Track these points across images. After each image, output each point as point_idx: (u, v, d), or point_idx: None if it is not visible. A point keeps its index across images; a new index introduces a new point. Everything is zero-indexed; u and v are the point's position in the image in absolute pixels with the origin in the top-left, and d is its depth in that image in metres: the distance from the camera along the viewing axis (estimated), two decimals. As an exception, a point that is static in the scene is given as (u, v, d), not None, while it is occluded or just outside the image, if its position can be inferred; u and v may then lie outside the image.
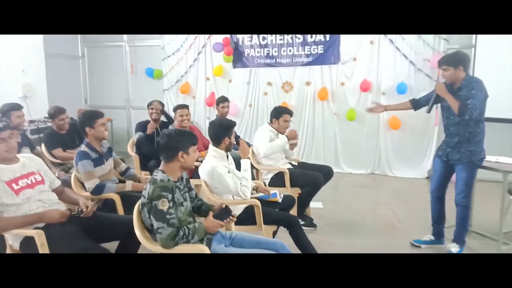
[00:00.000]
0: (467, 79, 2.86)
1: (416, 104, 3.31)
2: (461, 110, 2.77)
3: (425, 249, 3.18)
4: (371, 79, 5.57)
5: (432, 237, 3.21)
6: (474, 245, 3.13)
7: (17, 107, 3.67)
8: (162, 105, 4.38)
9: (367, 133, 5.74)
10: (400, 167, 5.66)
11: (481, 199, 3.74)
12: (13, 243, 2.16)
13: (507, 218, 3.12)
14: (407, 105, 3.38)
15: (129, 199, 2.64)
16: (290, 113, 3.79)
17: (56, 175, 2.85)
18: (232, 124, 2.76)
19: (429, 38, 5.25)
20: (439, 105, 3.18)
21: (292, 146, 3.85)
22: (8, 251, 2.20)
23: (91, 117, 2.82)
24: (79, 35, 7.08)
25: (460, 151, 2.90)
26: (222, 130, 2.70)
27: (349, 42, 5.62)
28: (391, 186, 5.22)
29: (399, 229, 3.72)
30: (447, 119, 3.02)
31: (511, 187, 3.22)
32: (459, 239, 3.01)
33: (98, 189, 2.68)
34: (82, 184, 2.80)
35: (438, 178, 3.11)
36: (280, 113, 3.73)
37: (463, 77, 2.87)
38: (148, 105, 4.32)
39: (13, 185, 2.11)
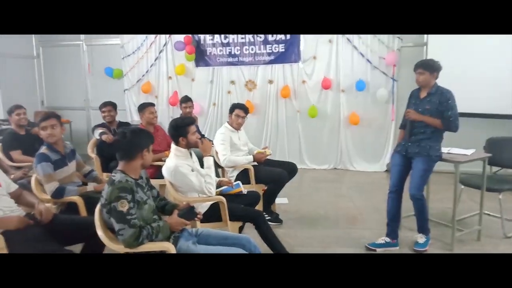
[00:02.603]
0: (437, 87, 3.01)
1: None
2: (446, 125, 2.93)
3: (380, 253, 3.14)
4: (331, 77, 5.74)
5: (387, 239, 3.19)
6: (432, 233, 3.30)
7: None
8: (115, 106, 4.28)
9: (329, 129, 5.90)
10: (361, 161, 5.87)
11: (434, 188, 3.97)
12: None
13: (459, 206, 3.33)
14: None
15: (92, 201, 2.57)
16: (243, 108, 3.80)
17: (12, 177, 2.74)
18: (186, 123, 2.73)
19: (384, 37, 5.47)
20: (395, 102, 3.28)
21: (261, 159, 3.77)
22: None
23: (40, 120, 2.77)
24: (33, 35, 6.77)
25: (420, 145, 3.02)
26: (176, 130, 2.70)
27: (308, 41, 5.76)
28: (352, 180, 5.41)
29: (359, 220, 3.88)
30: (413, 127, 3.07)
31: (462, 177, 3.44)
32: (422, 229, 3.14)
33: (58, 193, 2.61)
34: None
35: (397, 173, 3.19)
36: (233, 108, 3.80)
37: (433, 84, 3.02)
38: (100, 108, 4.23)
39: None
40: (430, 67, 2.98)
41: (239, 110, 3.76)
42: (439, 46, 5.10)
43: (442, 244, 3.23)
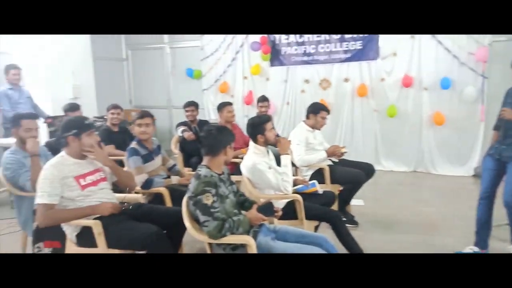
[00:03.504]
0: None
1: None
2: None
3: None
4: (413, 74, 5.44)
5: (476, 248, 2.97)
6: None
7: (75, 107, 3.91)
8: (197, 106, 4.50)
9: (409, 129, 5.60)
10: (444, 164, 5.48)
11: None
12: (71, 236, 2.29)
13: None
14: None
15: (176, 193, 2.77)
16: (328, 110, 3.78)
17: None
18: (262, 121, 2.79)
19: (474, 30, 5.05)
20: (485, 101, 3.04)
21: (339, 156, 3.73)
22: (67, 244, 2.34)
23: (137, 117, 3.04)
24: (123, 39, 7.40)
25: None
26: (254, 128, 2.77)
27: (388, 38, 5.52)
28: (434, 184, 5.08)
29: (442, 228, 3.61)
30: (509, 128, 2.80)
31: None
32: None
33: (147, 184, 2.83)
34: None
35: (489, 178, 2.93)
36: (318, 109, 3.72)
37: None
38: (184, 107, 4.47)
39: (81, 180, 2.25)
40: None
41: (325, 112, 3.72)
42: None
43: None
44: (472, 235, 2.99)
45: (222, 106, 4.26)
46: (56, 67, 5.51)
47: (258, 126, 2.77)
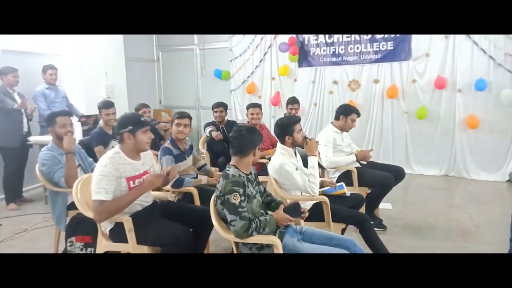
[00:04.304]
0: None
1: None
2: None
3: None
4: (446, 75, 5.28)
5: None
6: None
7: (109, 104, 4.00)
8: (226, 107, 4.54)
9: (442, 132, 5.44)
10: (478, 169, 5.29)
11: None
12: (105, 229, 2.36)
13: None
14: None
15: (205, 192, 2.82)
16: (358, 113, 3.72)
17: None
18: (291, 122, 2.77)
19: (513, 30, 4.84)
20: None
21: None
22: (98, 239, 2.41)
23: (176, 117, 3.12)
24: (154, 40, 7.57)
25: None
26: (282, 129, 2.77)
27: (421, 38, 5.39)
28: (467, 189, 4.91)
29: (476, 234, 3.49)
30: None
31: None
32: None
33: (177, 183, 2.88)
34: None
35: None
36: (349, 111, 3.66)
37: None
38: (213, 108, 4.51)
39: (131, 182, 2.28)
40: None
41: (355, 115, 3.66)
42: None
43: None
44: (506, 243, 2.86)
45: (247, 108, 4.31)
46: (91, 68, 5.70)
47: (286, 127, 2.77)
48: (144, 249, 2.26)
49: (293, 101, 4.79)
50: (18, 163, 4.44)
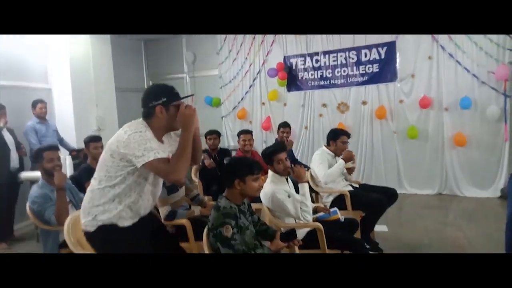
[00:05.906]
0: None
1: None
2: None
3: None
4: (432, 95, 5.40)
5: None
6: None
7: (97, 138, 3.94)
8: (219, 135, 4.56)
9: (431, 151, 5.51)
10: (469, 186, 5.34)
11: None
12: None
13: None
14: None
15: (198, 224, 2.77)
16: (347, 134, 3.77)
17: None
18: (271, 151, 2.78)
19: (492, 49, 5.00)
20: (509, 120, 2.97)
21: (350, 171, 3.74)
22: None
23: None
24: (144, 69, 7.64)
25: None
26: (264, 159, 2.82)
27: (406, 59, 5.53)
28: (460, 207, 4.94)
29: (470, 251, 3.48)
30: None
31: None
32: None
33: (170, 216, 2.86)
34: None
35: None
36: (337, 135, 3.72)
37: None
38: (205, 135, 4.50)
39: None
40: None
41: (344, 137, 3.70)
42: None
43: None
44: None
45: (238, 135, 4.33)
46: (81, 100, 5.70)
47: (268, 156, 2.80)
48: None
49: (284, 125, 4.84)
50: (6, 201, 4.33)
